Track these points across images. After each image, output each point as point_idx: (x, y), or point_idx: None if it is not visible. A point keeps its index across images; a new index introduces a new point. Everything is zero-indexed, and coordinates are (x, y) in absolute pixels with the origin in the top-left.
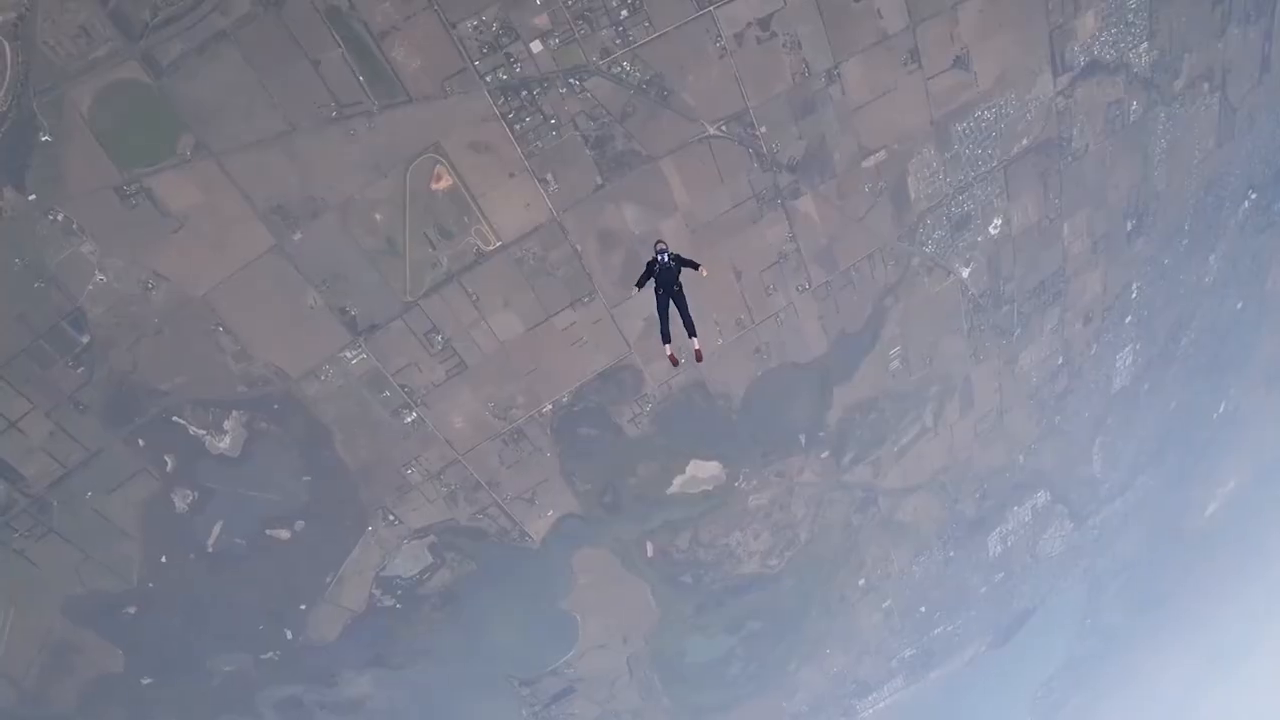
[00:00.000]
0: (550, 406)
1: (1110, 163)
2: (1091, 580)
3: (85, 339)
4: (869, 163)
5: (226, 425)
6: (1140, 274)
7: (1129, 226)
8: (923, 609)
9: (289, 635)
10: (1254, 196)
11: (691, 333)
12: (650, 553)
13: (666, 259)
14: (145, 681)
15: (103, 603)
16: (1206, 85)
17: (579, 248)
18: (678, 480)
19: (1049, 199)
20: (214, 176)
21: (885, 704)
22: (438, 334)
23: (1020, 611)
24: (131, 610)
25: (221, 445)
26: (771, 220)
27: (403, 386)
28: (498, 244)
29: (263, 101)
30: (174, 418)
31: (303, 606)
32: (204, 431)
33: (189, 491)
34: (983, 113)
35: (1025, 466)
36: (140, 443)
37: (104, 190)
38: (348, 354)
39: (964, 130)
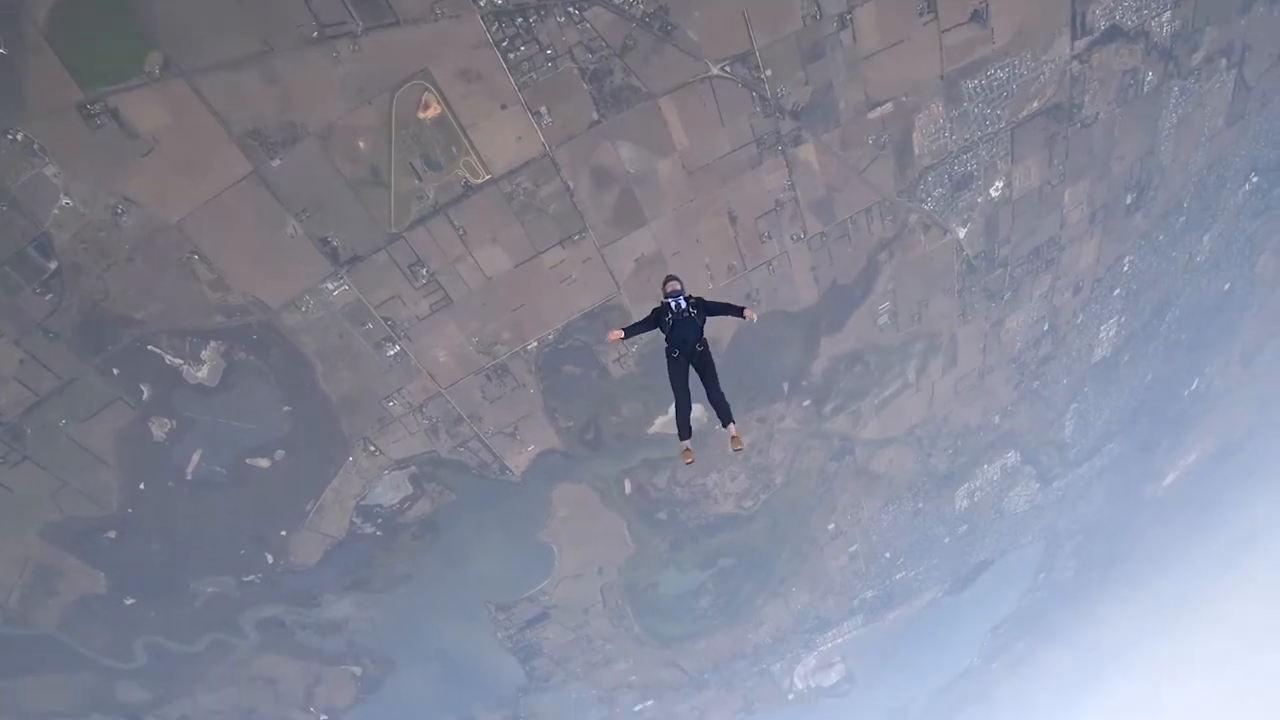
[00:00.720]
0: (535, 343)
1: (1119, 133)
2: (1050, 538)
3: (53, 265)
4: (875, 114)
5: (204, 355)
6: (1134, 248)
7: (1129, 199)
8: (887, 555)
9: (270, 559)
10: (1255, 180)
11: (726, 418)
12: (628, 490)
13: (684, 306)
14: (128, 602)
15: (82, 528)
16: (1224, 61)
17: (571, 184)
18: (659, 420)
19: (1053, 165)
20: (185, 97)
21: (844, 639)
22: (422, 267)
23: (979, 562)
24: (111, 535)
25: (199, 375)
26: (771, 166)
27: (386, 319)
28: (487, 177)
29: (237, 18)
30: (149, 347)
31: (283, 532)
32: (181, 361)
33: (166, 420)
34: (995, 71)
35: (1000, 427)
36: (115, 371)
37: (66, 110)
38: (329, 285)
39: (975, 88)
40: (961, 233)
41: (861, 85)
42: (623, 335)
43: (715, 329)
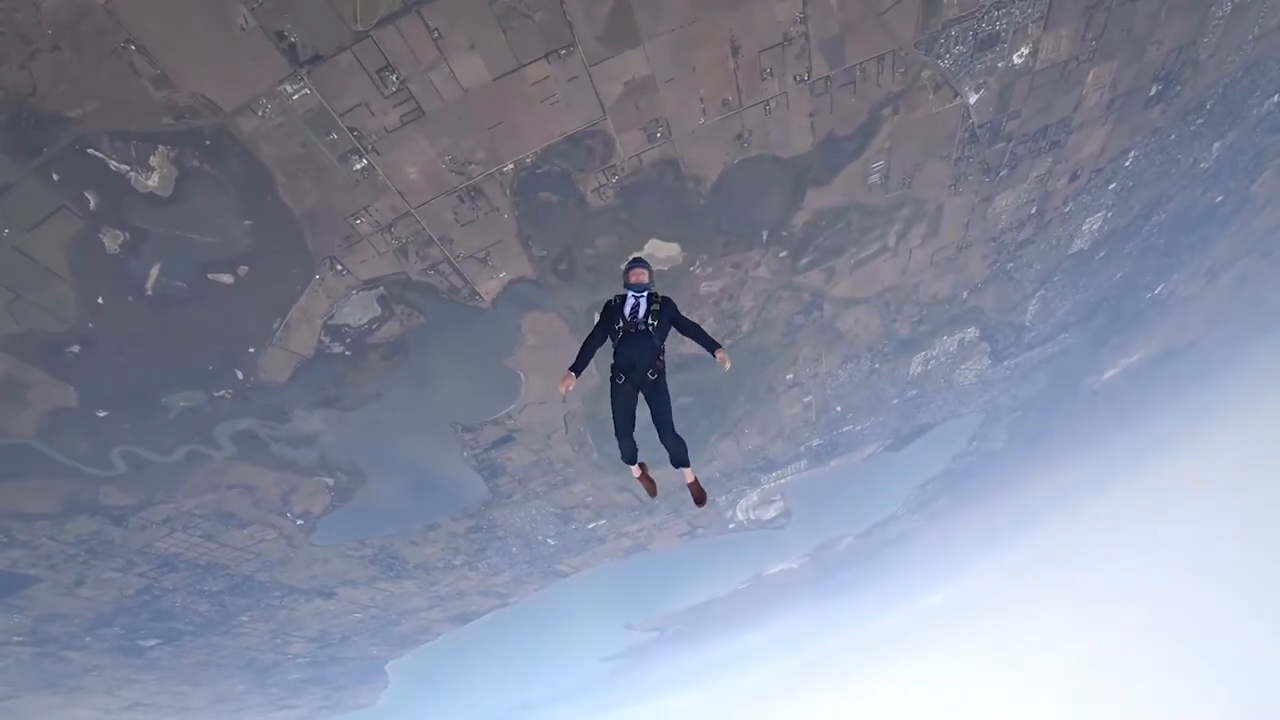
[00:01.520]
0: (512, 166)
1: (1165, 13)
2: (989, 411)
3: None
4: None
5: (153, 161)
6: (1143, 143)
7: (1153, 90)
8: (838, 409)
9: (240, 376)
10: None
11: (679, 460)
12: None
13: (642, 313)
14: (101, 414)
15: (45, 341)
16: None
17: None
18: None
19: (1086, 38)
20: None
21: (786, 480)
22: (392, 73)
23: (921, 425)
24: (75, 349)
25: (150, 183)
26: None
27: (351, 129)
28: None
29: None
30: (90, 150)
31: (251, 350)
32: (127, 167)
33: (119, 232)
34: None
35: (966, 302)
36: (55, 177)
37: None
38: (288, 88)
39: None
40: (973, 98)
41: None
42: (576, 378)
43: (701, 166)
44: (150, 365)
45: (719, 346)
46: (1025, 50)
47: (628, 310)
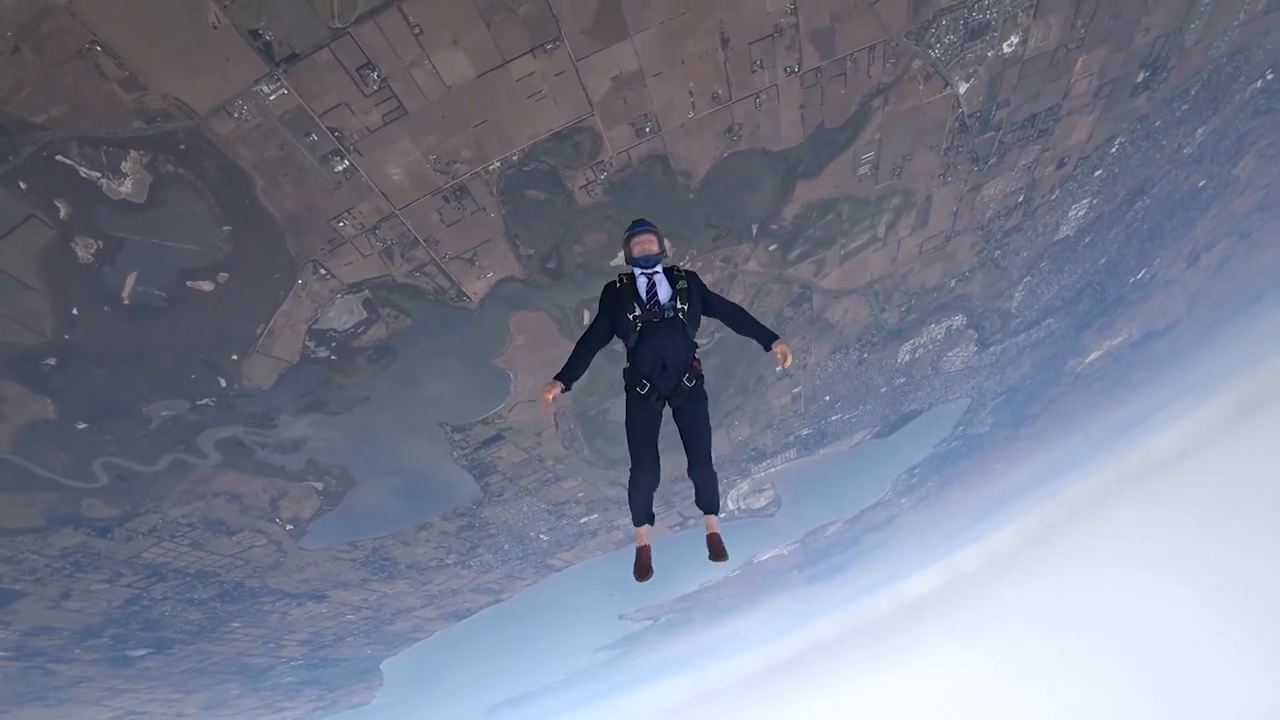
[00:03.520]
0: (498, 164)
1: (1153, 1)
2: (976, 397)
3: None
4: None
5: (125, 167)
6: (1129, 130)
7: (1140, 77)
8: (827, 398)
9: (223, 383)
10: (1270, 77)
11: (710, 502)
12: (587, 320)
13: (665, 294)
14: (80, 427)
15: (19, 355)
16: None
17: None
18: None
19: (1075, 26)
20: None
21: (776, 470)
22: (373, 71)
23: (909, 412)
24: (51, 362)
25: (123, 190)
26: None
27: (332, 130)
28: None
29: None
30: (58, 157)
31: (234, 357)
32: (98, 174)
33: (91, 240)
34: None
35: (954, 290)
36: (22, 186)
37: None
38: (264, 88)
39: None
40: (963, 88)
41: None
42: (562, 389)
43: (690, 161)
44: (130, 375)
45: (776, 338)
46: (1015, 39)
47: (643, 292)
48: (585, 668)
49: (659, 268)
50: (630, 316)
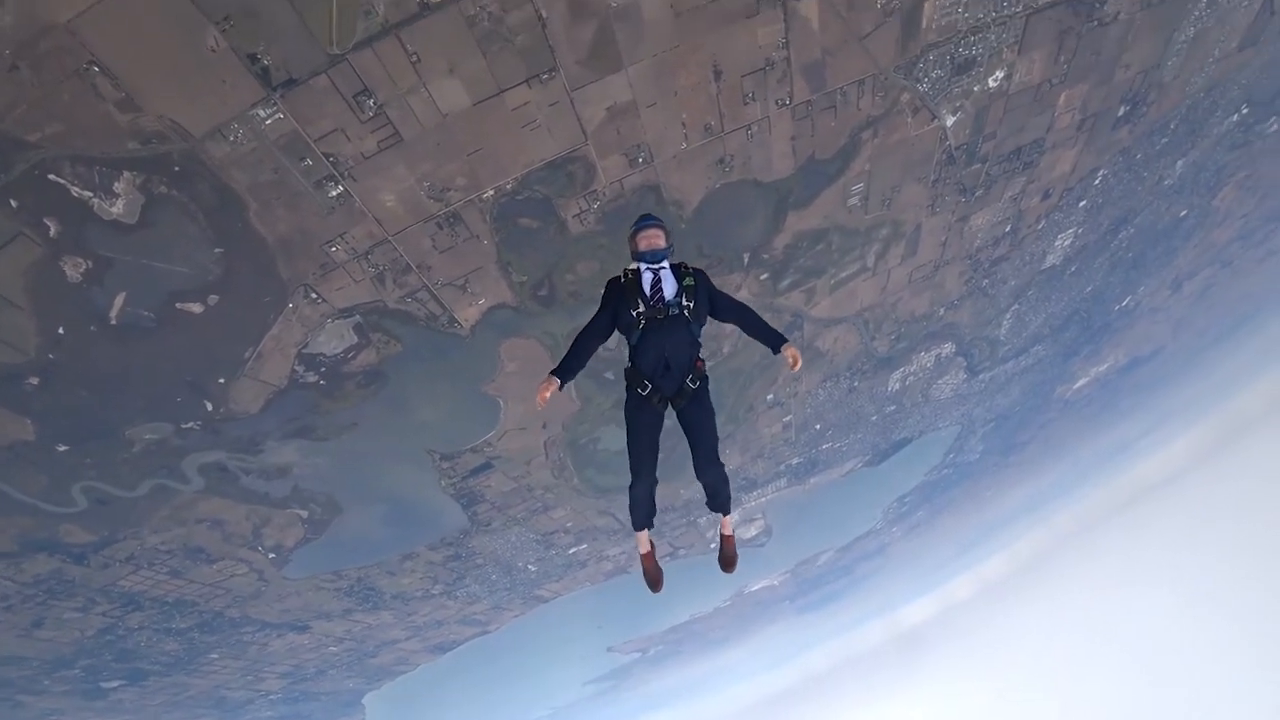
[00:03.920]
0: (492, 192)
1: (1132, 39)
2: (965, 424)
3: None
4: None
5: (118, 188)
6: (1111, 162)
7: (1122, 111)
8: (818, 427)
9: (209, 407)
10: (1245, 111)
11: (721, 502)
12: None
13: (671, 291)
14: (61, 449)
15: (1, 374)
16: None
17: (544, 13)
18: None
19: (1058, 62)
20: None
21: (767, 499)
22: (369, 97)
23: (899, 440)
24: (34, 381)
25: (114, 210)
26: (768, 19)
27: (327, 155)
28: None
29: None
30: (51, 176)
31: (221, 380)
32: (90, 193)
33: (81, 260)
34: None
35: (943, 319)
36: (13, 203)
37: None
38: (260, 112)
39: None
40: (950, 121)
41: None
42: (559, 386)
43: (683, 191)
44: (115, 397)
45: (786, 340)
46: (1000, 74)
47: (647, 288)
48: (573, 701)
49: (665, 263)
50: (633, 313)
